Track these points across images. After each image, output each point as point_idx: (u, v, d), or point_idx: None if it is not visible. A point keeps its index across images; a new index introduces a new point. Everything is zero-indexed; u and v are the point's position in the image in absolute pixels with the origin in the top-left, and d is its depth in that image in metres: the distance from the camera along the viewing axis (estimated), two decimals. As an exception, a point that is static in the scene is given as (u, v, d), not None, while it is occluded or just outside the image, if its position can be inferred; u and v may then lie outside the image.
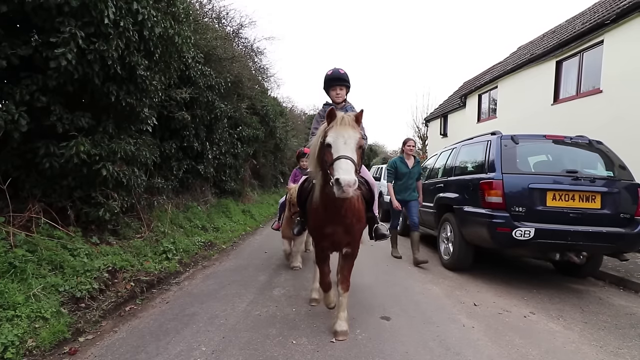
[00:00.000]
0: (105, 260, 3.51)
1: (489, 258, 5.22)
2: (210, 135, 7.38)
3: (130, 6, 3.49)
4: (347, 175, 1.80)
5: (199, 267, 4.59)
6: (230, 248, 5.94)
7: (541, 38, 11.59)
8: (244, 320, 2.84)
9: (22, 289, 2.60)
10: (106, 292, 3.22)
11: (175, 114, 5.89)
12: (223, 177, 8.55)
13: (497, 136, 4.25)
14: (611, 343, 2.61)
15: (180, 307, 3.14)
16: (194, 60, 6.14)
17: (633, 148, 6.06)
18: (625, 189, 3.81)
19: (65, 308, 2.74)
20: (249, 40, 12.18)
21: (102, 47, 3.28)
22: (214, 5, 9.44)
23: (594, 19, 8.12)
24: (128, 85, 3.88)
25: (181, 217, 6.05)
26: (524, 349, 2.45)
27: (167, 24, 4.05)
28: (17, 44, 3.01)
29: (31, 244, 3.07)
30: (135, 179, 4.19)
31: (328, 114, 2.04)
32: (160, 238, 4.84)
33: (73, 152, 3.30)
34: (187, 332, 2.61)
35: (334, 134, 1.97)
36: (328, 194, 2.06)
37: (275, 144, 13.40)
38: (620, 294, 3.86)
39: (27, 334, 2.29)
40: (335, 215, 2.30)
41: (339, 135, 1.96)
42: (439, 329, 2.74)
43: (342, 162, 1.87)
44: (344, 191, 1.79)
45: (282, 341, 2.48)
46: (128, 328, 2.70)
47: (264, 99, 11.93)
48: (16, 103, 3.01)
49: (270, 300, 3.33)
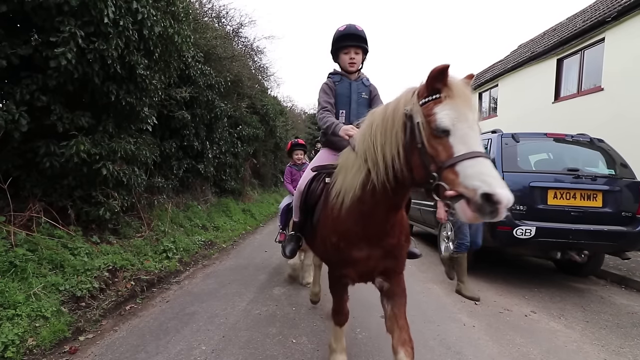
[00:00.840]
0: (105, 259, 3.52)
1: (489, 257, 5.21)
2: (211, 135, 7.38)
3: (129, 5, 3.48)
4: (503, 188, 0.99)
5: (199, 266, 4.59)
6: (230, 247, 5.94)
7: (542, 36, 11.55)
8: (244, 319, 2.84)
9: (23, 288, 2.61)
10: (106, 291, 3.22)
11: (175, 113, 5.89)
12: (223, 176, 8.55)
13: (497, 134, 4.23)
14: (613, 342, 2.60)
15: (181, 306, 3.14)
16: (194, 59, 6.13)
17: (634, 146, 6.03)
18: (626, 187, 3.79)
19: (66, 307, 2.74)
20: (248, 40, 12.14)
21: (101, 47, 3.27)
22: (213, 4, 9.43)
23: (595, 17, 8.08)
24: (128, 85, 3.87)
25: (181, 216, 6.06)
26: (525, 348, 2.44)
27: (167, 23, 4.05)
28: (17, 43, 3.01)
29: (32, 243, 3.08)
30: (135, 178, 4.19)
31: (435, 75, 1.15)
32: (160, 237, 4.84)
33: (73, 151, 3.30)
34: (187, 331, 2.61)
35: (454, 113, 1.12)
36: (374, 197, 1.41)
37: (275, 143, 13.40)
38: (622, 293, 3.85)
39: (27, 332, 2.29)
40: (376, 231, 1.55)
41: (462, 117, 1.12)
42: (440, 328, 2.74)
43: (483, 165, 1.06)
44: (497, 214, 1.00)
45: (282, 340, 2.48)
46: (128, 327, 2.70)
47: (264, 98, 11.93)
48: (16, 103, 3.02)
49: (271, 299, 3.33)
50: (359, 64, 2.10)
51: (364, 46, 2.07)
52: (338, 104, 2.09)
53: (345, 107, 2.08)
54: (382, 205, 1.45)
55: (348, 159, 1.58)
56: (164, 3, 4.20)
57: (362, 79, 2.15)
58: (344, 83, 2.10)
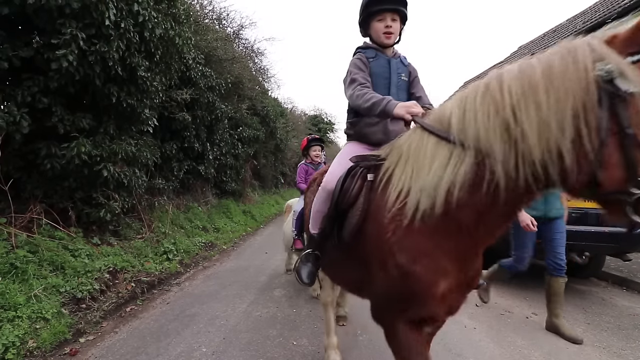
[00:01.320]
0: (106, 260, 3.52)
1: (490, 259, 5.19)
2: (211, 136, 7.40)
3: (131, 8, 3.50)
4: None
5: (200, 268, 4.59)
6: (230, 249, 5.94)
7: (542, 37, 11.57)
8: (244, 321, 2.83)
9: (23, 289, 2.61)
10: (107, 292, 3.22)
11: (176, 115, 5.90)
12: (224, 178, 8.56)
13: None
14: (614, 344, 2.59)
15: (181, 307, 3.14)
16: (195, 61, 6.15)
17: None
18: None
19: (66, 309, 2.74)
20: (249, 41, 12.16)
21: (103, 49, 3.28)
22: (214, 6, 9.46)
23: (595, 18, 8.09)
24: (129, 87, 3.88)
25: (182, 217, 6.06)
26: (526, 350, 2.44)
27: (168, 25, 4.06)
28: (19, 45, 3.02)
29: (32, 244, 3.08)
30: (136, 179, 4.20)
31: None
32: (161, 239, 4.84)
33: (74, 153, 3.31)
34: (187, 332, 2.61)
35: None
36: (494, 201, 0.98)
37: (275, 145, 13.40)
38: (624, 295, 3.84)
39: (28, 334, 2.29)
40: (476, 250, 1.16)
41: None
42: (441, 330, 2.72)
43: None
44: None
45: (283, 342, 2.48)
46: (129, 329, 2.70)
47: (265, 99, 11.94)
48: (18, 104, 3.03)
49: (271, 301, 3.32)
50: (397, 34, 1.61)
51: (402, 11, 1.57)
52: (374, 86, 1.56)
53: (384, 91, 1.53)
54: (499, 212, 1.00)
55: (422, 145, 1.11)
56: (165, 5, 4.21)
57: (399, 56, 1.68)
58: (380, 60, 1.61)
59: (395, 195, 1.14)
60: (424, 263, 1.08)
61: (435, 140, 1.08)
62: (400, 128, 1.47)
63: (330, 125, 26.69)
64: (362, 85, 1.51)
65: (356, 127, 1.64)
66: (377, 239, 1.19)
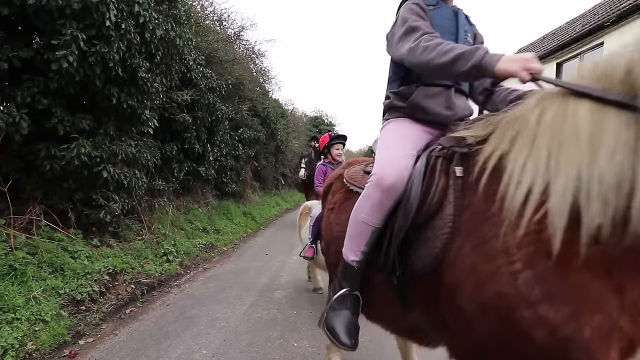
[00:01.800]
0: (105, 262, 3.50)
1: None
2: (212, 137, 7.39)
3: (131, 9, 3.50)
4: None
5: (200, 270, 4.58)
6: (231, 250, 5.92)
7: (541, 40, 11.61)
8: (244, 323, 2.82)
9: (22, 291, 2.59)
10: (106, 294, 3.20)
11: (176, 116, 5.89)
12: (224, 179, 8.55)
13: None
14: None
15: (181, 309, 3.12)
16: (195, 62, 6.15)
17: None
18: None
19: (66, 311, 2.73)
20: (250, 43, 12.15)
21: (103, 50, 3.28)
22: (215, 7, 9.46)
23: (594, 21, 8.12)
24: (129, 88, 3.88)
25: (182, 219, 6.05)
26: None
27: (169, 27, 4.06)
28: (19, 46, 3.01)
29: (31, 246, 3.06)
30: (136, 181, 4.19)
31: None
32: (161, 240, 4.83)
33: (74, 154, 3.30)
34: (187, 334, 2.60)
35: None
36: None
37: (276, 146, 13.40)
38: None
39: (27, 336, 2.28)
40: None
41: None
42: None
43: None
44: None
45: (283, 344, 2.47)
46: (128, 331, 2.68)
47: (265, 101, 11.95)
48: (17, 105, 3.01)
49: (272, 303, 3.31)
50: None
51: None
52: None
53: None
54: None
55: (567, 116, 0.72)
56: (166, 6, 4.22)
57: (456, 10, 1.29)
58: (443, 10, 1.24)
59: (523, 195, 0.72)
60: (596, 322, 0.63)
61: (595, 107, 0.68)
62: (465, 103, 1.12)
63: (331, 127, 26.72)
64: (430, 34, 1.08)
65: (411, 98, 1.17)
66: (483, 272, 0.76)
